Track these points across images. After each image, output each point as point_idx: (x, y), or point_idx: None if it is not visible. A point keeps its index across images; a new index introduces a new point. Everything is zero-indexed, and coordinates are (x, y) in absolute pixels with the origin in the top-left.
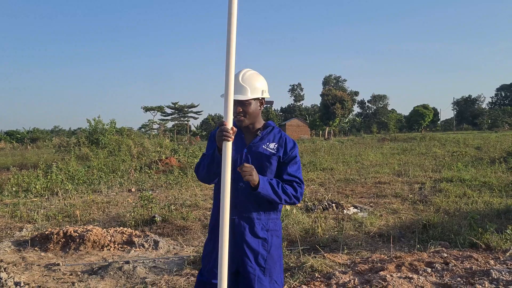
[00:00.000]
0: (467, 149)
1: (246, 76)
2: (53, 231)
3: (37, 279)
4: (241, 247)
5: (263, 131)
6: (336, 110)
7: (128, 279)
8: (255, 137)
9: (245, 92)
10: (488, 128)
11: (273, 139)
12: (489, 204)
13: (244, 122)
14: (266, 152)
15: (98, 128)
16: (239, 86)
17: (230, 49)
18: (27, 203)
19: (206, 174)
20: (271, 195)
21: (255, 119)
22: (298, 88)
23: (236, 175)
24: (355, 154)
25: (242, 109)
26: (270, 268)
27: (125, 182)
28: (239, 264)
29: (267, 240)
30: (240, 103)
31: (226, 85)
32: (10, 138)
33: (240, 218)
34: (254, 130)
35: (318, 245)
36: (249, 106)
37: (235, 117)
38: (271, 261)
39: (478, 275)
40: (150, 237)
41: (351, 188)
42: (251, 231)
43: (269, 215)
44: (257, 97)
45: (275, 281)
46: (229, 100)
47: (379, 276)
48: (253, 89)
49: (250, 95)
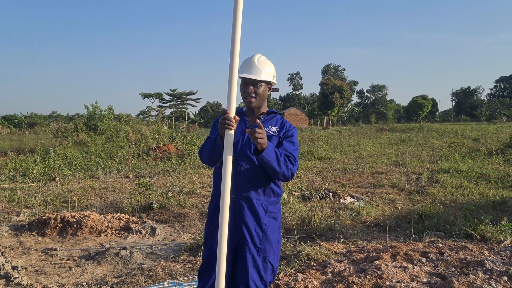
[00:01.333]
0: (464, 140)
1: (261, 59)
2: (50, 216)
3: (35, 263)
4: (239, 226)
5: (266, 116)
6: (335, 99)
7: (125, 264)
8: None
9: (259, 73)
10: (487, 120)
11: (275, 124)
12: (485, 195)
13: (253, 103)
14: (268, 134)
15: (96, 114)
16: (255, 67)
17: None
18: (24, 188)
19: (208, 158)
20: (273, 162)
21: (263, 102)
22: (297, 77)
23: (238, 155)
24: (353, 144)
25: (253, 90)
26: (265, 248)
27: (122, 169)
28: (236, 243)
29: (264, 221)
30: (253, 84)
31: (230, 76)
32: (7, 123)
33: (239, 198)
34: (258, 114)
35: (314, 233)
36: (260, 88)
37: (245, 97)
38: (266, 243)
39: (472, 266)
40: (147, 224)
41: (348, 178)
42: (250, 210)
43: (268, 197)
44: (268, 80)
45: (269, 262)
46: (233, 89)
47: (374, 265)
48: (266, 72)
49: (264, 77)
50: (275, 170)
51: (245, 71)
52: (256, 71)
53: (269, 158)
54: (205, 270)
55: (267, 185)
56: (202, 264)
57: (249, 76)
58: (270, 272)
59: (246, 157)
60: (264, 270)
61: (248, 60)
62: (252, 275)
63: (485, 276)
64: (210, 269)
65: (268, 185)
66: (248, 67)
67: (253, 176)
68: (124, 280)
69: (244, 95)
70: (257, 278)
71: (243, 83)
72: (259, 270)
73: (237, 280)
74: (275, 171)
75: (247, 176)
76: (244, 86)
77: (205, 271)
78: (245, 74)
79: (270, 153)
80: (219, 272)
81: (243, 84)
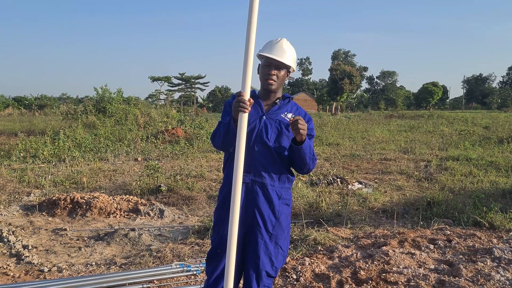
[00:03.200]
0: (475, 128)
1: (288, 44)
2: (60, 197)
3: (45, 243)
4: (252, 212)
5: (282, 101)
6: (344, 85)
7: (133, 245)
8: (273, 105)
9: (284, 56)
10: (498, 108)
11: (291, 110)
12: (494, 183)
13: (273, 86)
14: (285, 120)
15: (105, 96)
16: (281, 50)
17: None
18: (34, 168)
19: (221, 143)
20: (306, 155)
21: (280, 87)
22: (307, 62)
23: (254, 140)
24: (362, 130)
25: (275, 73)
26: (277, 234)
27: (131, 151)
28: (248, 228)
29: (278, 207)
30: (277, 66)
31: (246, 57)
32: (18, 104)
33: (254, 183)
34: (273, 99)
35: (322, 219)
36: (282, 71)
37: (266, 79)
38: (279, 228)
39: (481, 253)
40: (155, 206)
41: (357, 164)
42: (264, 196)
43: (283, 184)
44: (291, 65)
45: (280, 247)
46: (248, 71)
47: (381, 251)
48: (291, 57)
49: (288, 61)
50: (305, 163)
51: (272, 52)
52: (282, 53)
53: (305, 150)
54: (214, 255)
55: (282, 172)
56: (211, 249)
57: (276, 57)
58: (281, 257)
59: (262, 142)
60: (275, 255)
61: (275, 42)
62: (263, 260)
63: (493, 264)
64: (219, 254)
65: (283, 171)
66: (275, 49)
67: (269, 162)
68: (133, 260)
69: (266, 76)
70: (268, 264)
71: (266, 64)
72: (270, 256)
73: (248, 266)
74: (304, 164)
75: (263, 162)
76: (267, 67)
77: (215, 256)
78: (272, 54)
79: (306, 146)
80: (229, 258)
81: (266, 65)
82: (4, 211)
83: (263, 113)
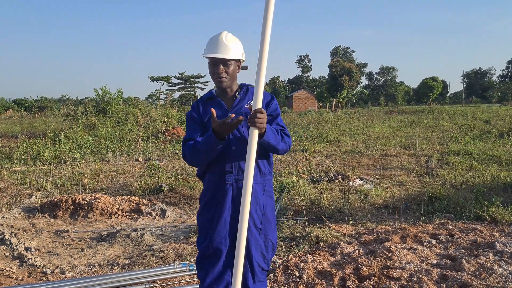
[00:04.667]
0: (475, 122)
1: (229, 37)
2: (62, 199)
3: (47, 244)
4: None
5: (240, 93)
6: (344, 81)
7: (136, 246)
8: (234, 99)
9: (228, 52)
10: (498, 102)
11: (253, 97)
12: (496, 177)
13: (225, 83)
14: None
15: (105, 97)
16: (223, 45)
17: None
18: (36, 170)
19: (201, 161)
20: (273, 142)
21: (234, 81)
22: (306, 59)
23: (227, 140)
24: (362, 127)
25: (224, 69)
26: (266, 228)
27: (132, 152)
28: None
29: (263, 201)
30: (224, 63)
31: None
32: (18, 107)
33: (238, 182)
34: (232, 93)
35: (323, 215)
36: (230, 66)
37: (216, 78)
38: (266, 222)
39: (483, 247)
40: (157, 206)
41: (357, 160)
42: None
43: (265, 176)
44: (238, 58)
45: (270, 240)
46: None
47: (383, 246)
48: (235, 50)
49: (233, 55)
50: (276, 148)
51: (214, 50)
52: (225, 49)
53: (269, 140)
54: (204, 259)
55: (263, 164)
56: (200, 254)
57: (219, 56)
58: (271, 250)
59: (237, 140)
60: (266, 249)
61: (215, 38)
62: (255, 256)
63: (495, 258)
64: (210, 258)
65: (263, 163)
66: (217, 46)
67: None
68: (135, 261)
69: (215, 76)
70: (260, 259)
71: (213, 64)
72: (262, 251)
73: None
74: (275, 150)
75: (243, 159)
76: (214, 66)
77: (205, 260)
78: (214, 54)
79: (269, 135)
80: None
81: (212, 64)
82: (6, 213)
83: (227, 111)
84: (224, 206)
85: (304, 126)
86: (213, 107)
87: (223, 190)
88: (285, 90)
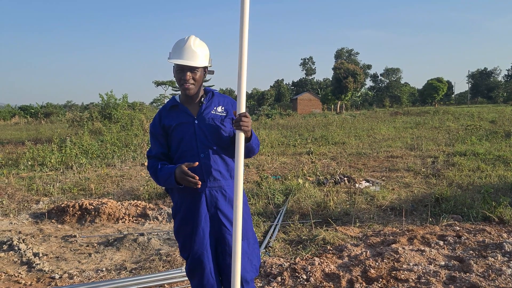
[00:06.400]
0: (481, 122)
1: (196, 42)
2: (69, 204)
3: (55, 250)
4: (217, 217)
5: (206, 99)
6: (348, 83)
7: (143, 250)
8: (200, 105)
9: (197, 59)
10: (504, 102)
11: (218, 103)
12: (503, 178)
13: (193, 90)
14: (217, 116)
15: (111, 102)
16: (192, 52)
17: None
18: (42, 176)
19: (160, 184)
20: (255, 146)
21: (200, 87)
22: (310, 62)
23: (196, 147)
24: (367, 128)
25: (191, 76)
26: (245, 228)
27: (138, 156)
28: (218, 234)
29: None
30: (191, 70)
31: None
32: (24, 113)
33: (211, 189)
34: (197, 100)
35: (330, 218)
36: (197, 73)
37: (182, 84)
38: (243, 222)
39: (491, 248)
40: (163, 210)
41: (363, 162)
42: (224, 198)
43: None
44: (205, 64)
45: (251, 242)
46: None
47: (391, 248)
48: (204, 56)
49: (202, 63)
50: (254, 152)
51: (182, 56)
52: (193, 56)
53: (253, 144)
54: (193, 270)
55: (230, 167)
56: (189, 264)
57: (187, 63)
58: (253, 245)
59: (205, 147)
60: (251, 254)
61: (183, 43)
62: (242, 263)
63: (504, 259)
64: (197, 270)
65: (231, 166)
66: (185, 52)
67: (218, 164)
68: (143, 265)
69: (181, 82)
70: (248, 264)
71: (179, 69)
72: (247, 256)
73: (227, 271)
74: (252, 152)
75: (213, 165)
76: (180, 72)
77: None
78: (182, 60)
79: (254, 138)
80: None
81: (179, 70)
82: (14, 219)
83: (193, 118)
84: (200, 216)
85: (309, 129)
86: (177, 115)
87: (197, 200)
88: (289, 93)
